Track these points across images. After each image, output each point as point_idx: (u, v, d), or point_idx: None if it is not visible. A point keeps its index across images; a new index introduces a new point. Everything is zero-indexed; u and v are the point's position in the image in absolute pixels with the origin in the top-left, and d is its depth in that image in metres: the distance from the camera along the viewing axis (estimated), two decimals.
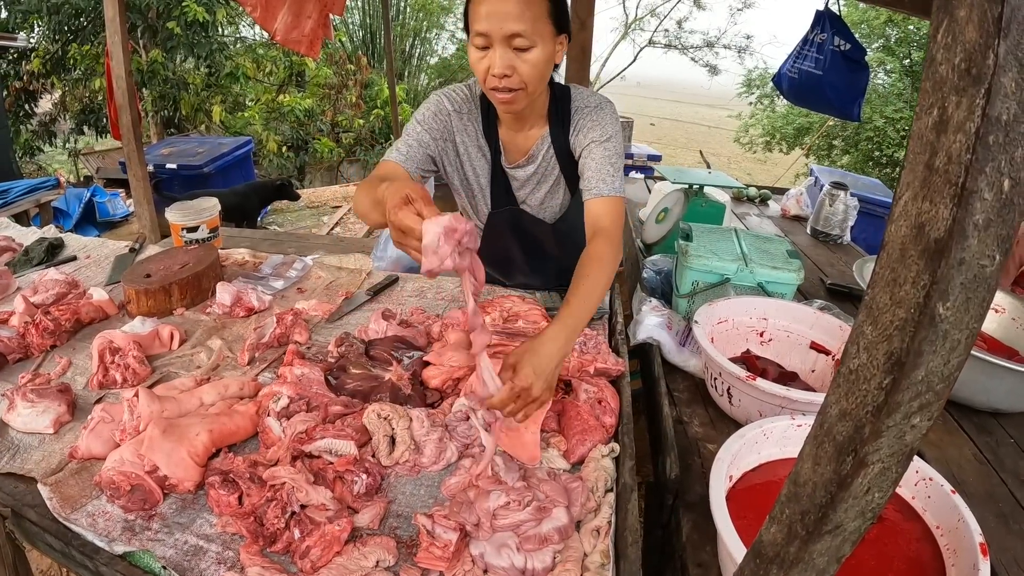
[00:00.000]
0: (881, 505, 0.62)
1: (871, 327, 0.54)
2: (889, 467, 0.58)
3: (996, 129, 0.45)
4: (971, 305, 0.50)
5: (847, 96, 5.15)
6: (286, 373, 1.71)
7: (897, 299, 0.51)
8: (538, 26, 1.66)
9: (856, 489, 0.59)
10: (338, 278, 2.52)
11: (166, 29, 10.19)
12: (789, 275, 2.24)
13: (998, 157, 0.45)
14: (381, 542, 1.24)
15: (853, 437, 0.57)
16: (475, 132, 2.01)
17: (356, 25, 16.02)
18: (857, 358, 0.56)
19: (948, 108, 0.47)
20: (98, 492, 1.36)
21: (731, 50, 20.48)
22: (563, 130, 1.95)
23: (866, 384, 0.55)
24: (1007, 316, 2.41)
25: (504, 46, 1.66)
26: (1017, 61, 0.44)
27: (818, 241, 4.05)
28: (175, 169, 7.17)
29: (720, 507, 1.21)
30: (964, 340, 0.51)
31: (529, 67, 1.70)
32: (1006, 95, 0.44)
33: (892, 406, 0.53)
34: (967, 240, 0.47)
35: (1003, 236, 0.48)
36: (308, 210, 9.03)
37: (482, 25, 1.64)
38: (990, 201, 0.46)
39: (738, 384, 1.72)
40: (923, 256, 0.49)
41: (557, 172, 2.04)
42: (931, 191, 0.48)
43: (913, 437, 0.57)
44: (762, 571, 0.73)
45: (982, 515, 1.54)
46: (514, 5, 1.61)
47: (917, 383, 0.52)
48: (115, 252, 2.69)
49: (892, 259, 0.52)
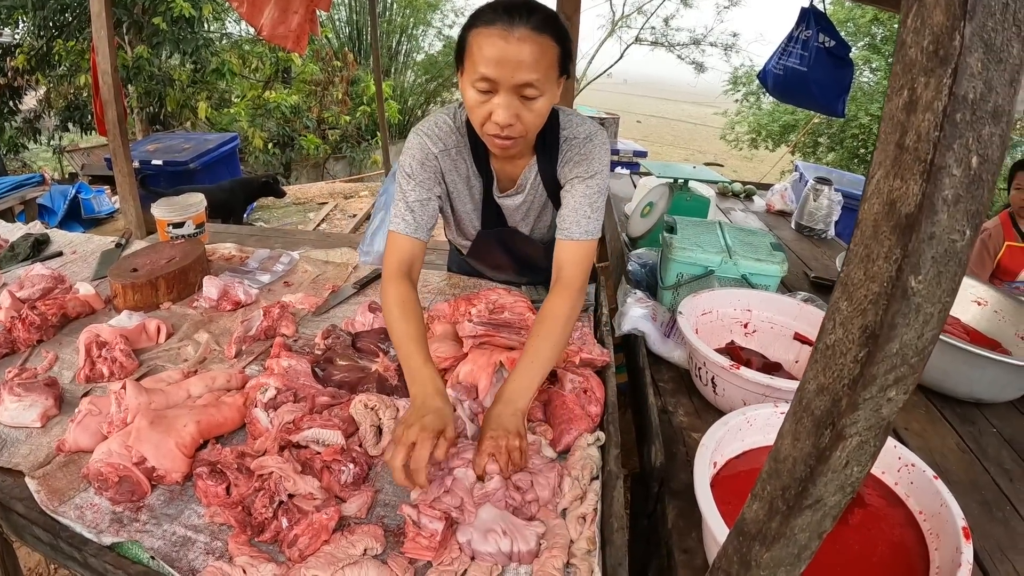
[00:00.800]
0: (860, 479, 0.64)
1: (846, 302, 0.56)
2: (867, 440, 0.60)
3: (963, 107, 0.46)
4: (943, 279, 0.51)
5: (831, 92, 5.19)
6: (273, 365, 1.72)
7: (871, 274, 0.53)
8: (549, 74, 1.54)
9: (835, 462, 0.61)
10: (324, 272, 2.53)
11: (152, 25, 10.12)
12: (773, 267, 2.26)
13: (966, 134, 0.47)
14: (369, 531, 1.25)
15: (831, 411, 0.59)
16: (466, 166, 1.89)
17: (343, 21, 15.99)
18: (833, 333, 0.58)
19: (917, 89, 0.48)
20: (86, 484, 1.36)
21: (717, 48, 20.53)
22: (550, 159, 1.85)
23: (842, 358, 0.57)
24: (989, 308, 2.44)
25: (511, 95, 1.53)
26: (983, 42, 0.46)
27: (802, 236, 4.08)
28: (161, 165, 7.13)
29: (704, 492, 1.23)
30: (937, 314, 0.53)
31: (533, 116, 1.59)
32: (972, 75, 0.46)
33: (868, 379, 0.55)
34: (937, 215, 0.48)
35: (973, 211, 0.50)
36: (294, 206, 9.02)
37: (490, 70, 1.49)
38: (959, 177, 0.48)
39: (722, 374, 1.74)
40: (895, 231, 0.51)
41: (545, 198, 1.97)
42: (902, 169, 0.49)
43: (889, 410, 0.58)
44: (745, 548, 0.75)
45: (966, 503, 1.57)
46: (529, 53, 1.48)
47: (892, 356, 0.54)
48: (101, 247, 2.68)
49: (865, 236, 0.53)
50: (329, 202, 9.10)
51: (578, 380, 1.68)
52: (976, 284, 2.50)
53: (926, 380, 2.11)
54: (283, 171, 12.72)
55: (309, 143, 12.28)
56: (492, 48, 1.48)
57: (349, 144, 13.38)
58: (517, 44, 1.46)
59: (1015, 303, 2.38)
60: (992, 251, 4.16)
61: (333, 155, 13.40)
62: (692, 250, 2.29)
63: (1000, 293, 2.45)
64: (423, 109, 16.71)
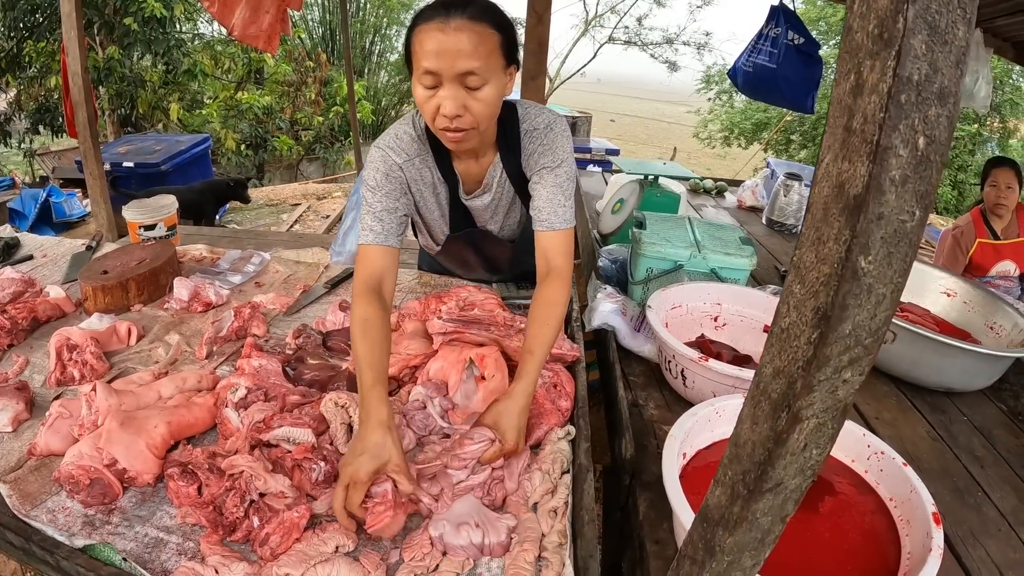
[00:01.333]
0: (820, 462, 0.64)
1: (799, 285, 0.56)
2: (824, 422, 0.60)
3: (908, 88, 0.47)
4: (893, 259, 0.52)
5: (800, 89, 5.24)
6: (244, 365, 1.72)
7: (821, 256, 0.54)
8: (491, 62, 1.55)
9: (793, 445, 0.62)
10: (296, 272, 2.52)
11: (123, 25, 10.02)
12: (742, 260, 2.28)
13: (911, 115, 0.48)
14: (340, 528, 1.25)
15: (786, 393, 0.60)
16: (430, 173, 1.89)
17: (316, 22, 15.91)
18: (788, 316, 0.58)
19: (863, 72, 0.49)
20: (57, 488, 1.35)
21: (690, 47, 20.66)
22: (513, 154, 1.85)
23: (796, 340, 0.57)
24: (959, 299, 2.49)
25: (455, 85, 1.55)
26: (927, 24, 0.46)
27: (773, 231, 4.12)
28: (132, 167, 7.07)
29: (673, 482, 1.23)
30: (889, 294, 0.54)
31: (482, 106, 1.59)
32: (916, 56, 0.46)
33: (821, 360, 0.55)
34: (884, 195, 0.49)
35: (921, 192, 0.50)
36: (267, 208, 8.96)
37: (431, 63, 1.51)
38: (906, 158, 0.48)
39: (692, 366, 1.75)
40: (844, 213, 0.51)
41: (512, 194, 1.97)
42: (850, 151, 0.50)
43: (845, 392, 0.59)
44: (709, 534, 0.75)
45: (937, 490, 1.60)
46: (467, 41, 1.50)
47: (845, 337, 0.55)
48: (72, 250, 2.65)
49: (816, 219, 0.54)
50: (302, 203, 9.05)
51: (548, 375, 1.69)
52: (945, 276, 2.55)
53: (896, 369, 2.14)
54: (256, 172, 12.64)
55: (282, 144, 12.22)
56: (431, 41, 1.50)
57: (322, 145, 13.32)
58: (454, 34, 1.49)
59: (984, 294, 2.42)
60: (964, 248, 4.22)
61: (306, 156, 13.33)
62: (661, 245, 2.31)
63: (969, 284, 2.49)
64: (396, 109, 16.65)
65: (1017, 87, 13.16)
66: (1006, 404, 2.13)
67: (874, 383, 2.17)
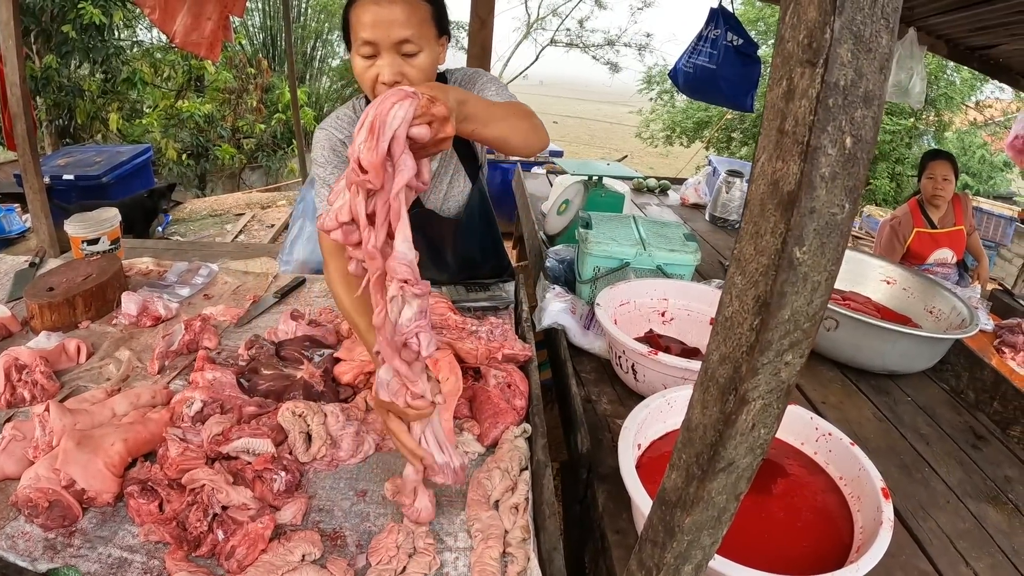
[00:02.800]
0: (768, 440, 0.69)
1: (740, 276, 0.61)
2: (770, 403, 0.65)
3: (835, 93, 0.51)
4: (826, 249, 0.56)
5: (740, 88, 5.35)
6: (198, 378, 1.70)
7: (759, 248, 0.58)
8: (423, 30, 1.66)
9: (741, 426, 0.66)
10: (245, 282, 2.50)
11: (61, 33, 9.72)
12: (686, 256, 2.33)
13: (839, 117, 0.52)
14: (305, 536, 1.26)
15: (733, 377, 0.64)
16: None
17: (256, 27, 15.68)
18: (731, 306, 0.63)
19: (795, 79, 0.53)
20: (15, 513, 1.32)
21: (631, 48, 20.83)
22: None
23: (739, 328, 0.62)
24: (898, 287, 2.58)
25: (392, 53, 1.64)
26: (852, 34, 0.51)
27: (716, 227, 4.21)
28: (72, 180, 6.88)
29: (630, 472, 1.27)
30: (824, 281, 0.58)
31: (417, 72, 1.68)
32: (843, 63, 0.51)
33: (763, 344, 0.60)
34: (815, 191, 0.53)
35: (850, 187, 0.55)
36: (211, 218, 8.81)
37: (368, 33, 1.61)
38: (834, 156, 0.53)
39: (642, 360, 1.80)
40: (779, 208, 0.55)
41: (456, 161, 2.05)
42: (783, 151, 0.54)
43: (788, 374, 0.63)
44: (668, 516, 0.79)
45: (886, 468, 1.67)
46: (400, 11, 1.60)
47: (784, 322, 0.59)
48: (14, 268, 2.59)
49: (754, 214, 0.58)
50: (246, 212, 8.92)
51: (501, 375, 1.72)
52: (884, 264, 2.64)
53: (840, 356, 2.21)
54: (198, 182, 12.39)
55: (224, 153, 12.00)
56: (367, 13, 1.60)
57: (265, 153, 13.12)
58: (388, 5, 1.59)
59: (923, 280, 2.52)
60: (902, 237, 4.36)
61: (249, 164, 13.11)
62: (607, 244, 2.35)
63: (908, 272, 2.59)
64: None
65: (951, 82, 13.55)
66: (948, 384, 2.23)
67: (819, 369, 2.24)
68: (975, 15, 3.88)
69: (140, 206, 6.74)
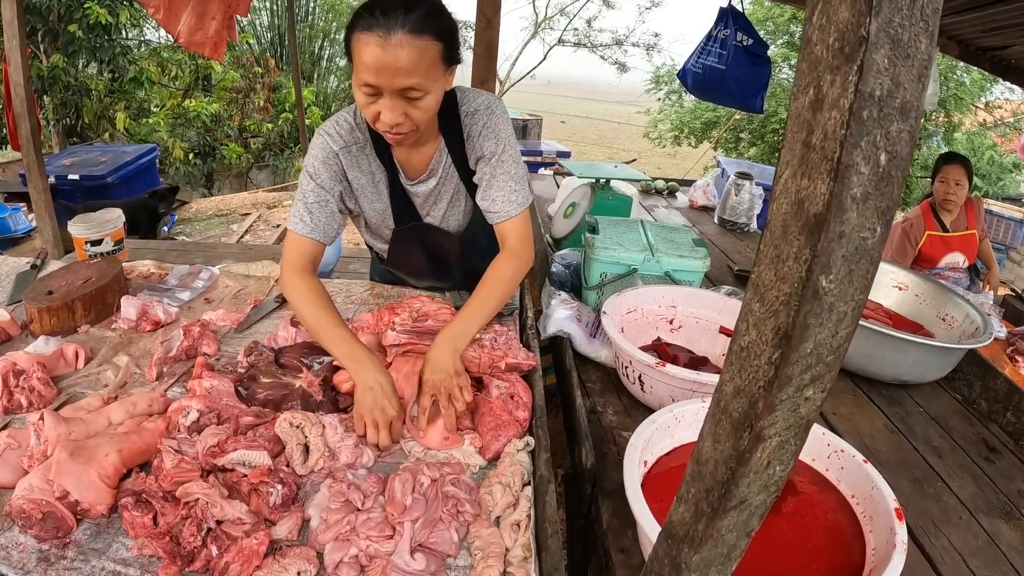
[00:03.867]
0: (783, 478, 0.64)
1: (758, 304, 0.55)
2: (787, 440, 0.60)
3: (870, 104, 0.46)
4: (855, 277, 0.51)
5: (749, 89, 5.30)
6: (195, 386, 1.66)
7: (781, 275, 0.53)
8: (431, 73, 1.55)
9: (756, 464, 0.61)
10: (246, 286, 2.46)
11: (67, 32, 9.74)
12: (695, 263, 2.29)
13: (873, 131, 0.47)
14: (301, 552, 1.22)
15: (748, 413, 0.59)
16: (367, 160, 1.90)
17: (264, 27, 15.69)
18: (747, 335, 0.57)
19: (823, 87, 0.48)
20: (9, 523, 1.29)
21: (639, 48, 20.82)
22: (457, 139, 1.88)
23: (756, 360, 0.57)
24: (910, 293, 2.53)
25: (395, 97, 1.56)
26: (889, 38, 0.45)
27: (725, 230, 4.16)
28: (77, 180, 6.89)
29: (635, 493, 1.23)
30: (850, 312, 0.53)
31: (421, 113, 1.61)
32: (879, 71, 0.46)
33: (783, 380, 0.55)
34: (846, 214, 0.48)
35: (883, 208, 0.49)
36: (217, 218, 8.81)
37: (371, 77, 1.52)
38: (867, 175, 0.47)
39: (648, 371, 1.75)
40: (803, 231, 0.50)
41: (456, 181, 1.98)
42: (809, 168, 0.49)
43: (808, 410, 0.58)
44: (675, 551, 0.74)
45: (897, 482, 1.62)
46: (407, 58, 1.48)
47: (806, 356, 0.54)
48: (16, 269, 2.57)
49: (775, 236, 0.53)
50: (252, 212, 8.92)
51: (504, 386, 1.67)
52: (896, 270, 2.59)
53: (851, 365, 2.17)
54: (205, 182, 12.42)
55: (231, 152, 12.02)
56: (370, 56, 1.49)
57: (272, 152, 13.14)
58: (394, 51, 1.48)
59: (935, 286, 2.47)
60: (913, 240, 4.31)
61: (256, 164, 13.13)
62: (614, 249, 2.31)
63: (920, 277, 2.54)
64: None
65: (961, 82, 13.47)
66: (960, 393, 2.18)
67: None
68: (988, 15, 3.82)
69: (144, 207, 6.74)
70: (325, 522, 1.29)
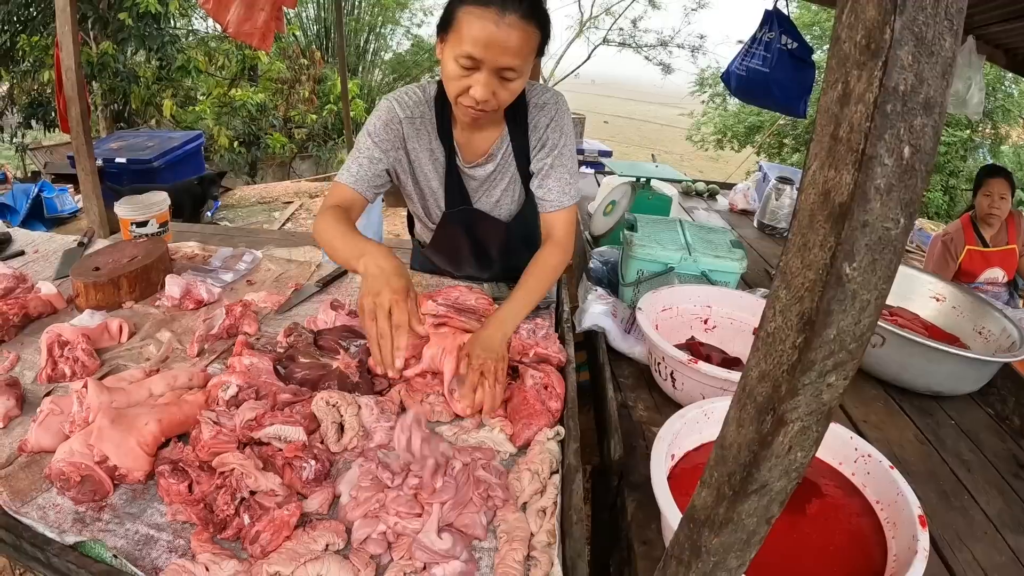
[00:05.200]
0: (804, 464, 0.65)
1: (785, 291, 0.57)
2: (808, 426, 0.61)
3: (894, 99, 0.48)
4: (878, 266, 0.53)
5: (793, 93, 5.26)
6: (235, 363, 1.71)
7: (807, 262, 0.54)
8: (529, 59, 1.65)
9: (778, 448, 0.62)
10: (287, 270, 2.51)
11: (117, 20, 9.94)
12: (732, 264, 2.29)
13: (897, 125, 0.49)
14: (330, 526, 1.25)
15: (772, 396, 0.60)
16: (428, 136, 1.96)
17: (310, 19, 15.85)
18: (773, 321, 0.59)
19: (850, 82, 0.50)
20: (48, 485, 1.34)
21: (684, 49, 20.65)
22: (520, 128, 1.94)
23: (781, 345, 0.58)
24: (947, 304, 2.50)
25: (492, 75, 1.63)
26: (913, 35, 0.47)
27: (764, 234, 4.14)
28: (124, 163, 7.03)
29: (661, 483, 1.24)
30: (873, 300, 0.55)
31: (509, 94, 1.70)
32: (903, 67, 0.47)
33: (806, 364, 0.56)
34: (869, 203, 0.50)
35: (906, 200, 0.51)
36: (259, 205, 8.93)
37: (477, 51, 1.57)
38: (891, 167, 0.49)
39: (681, 368, 1.76)
40: (829, 220, 0.52)
41: (513, 170, 2.02)
42: (836, 159, 0.51)
43: (830, 396, 0.60)
44: (695, 534, 0.76)
45: (924, 493, 1.61)
46: (517, 39, 1.57)
47: (829, 341, 0.55)
48: (63, 247, 2.64)
49: (802, 226, 0.55)
50: (295, 201, 9.02)
51: (539, 376, 1.69)
52: (934, 280, 2.56)
53: (885, 373, 2.15)
54: (249, 170, 12.59)
55: (275, 142, 12.18)
56: (482, 30, 1.55)
57: (315, 143, 13.29)
58: (507, 30, 1.55)
59: (973, 299, 2.44)
60: (954, 254, 4.25)
61: (299, 154, 13.30)
62: (652, 247, 2.31)
63: (958, 289, 2.51)
64: None
65: (1009, 94, 13.22)
66: (993, 408, 2.15)
67: (862, 386, 2.18)
68: None
69: (189, 191, 6.86)
70: (355, 499, 1.32)
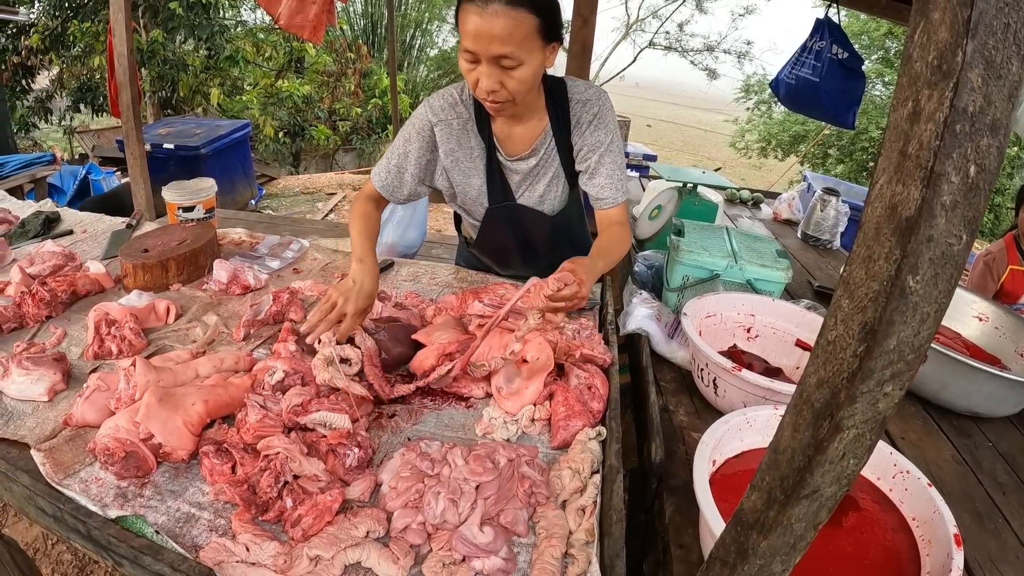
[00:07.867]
0: (855, 472, 0.67)
1: (847, 300, 0.59)
2: (863, 433, 0.63)
3: (963, 119, 0.49)
4: (940, 280, 0.54)
5: (842, 103, 5.20)
6: (281, 349, 1.73)
7: (871, 273, 0.56)
8: (526, 44, 1.66)
9: (832, 454, 0.64)
10: (334, 260, 2.55)
11: (168, 9, 10.13)
12: (777, 273, 2.28)
13: (964, 144, 0.50)
14: (372, 513, 1.27)
15: (829, 403, 0.62)
16: (467, 134, 2.00)
17: (358, 14, 15.98)
18: (835, 330, 0.61)
19: (921, 100, 0.51)
20: (91, 459, 1.37)
21: (731, 55, 20.55)
22: (563, 124, 1.96)
23: (842, 353, 0.60)
24: (990, 324, 2.46)
25: (491, 64, 1.67)
26: (983, 59, 0.49)
27: (808, 245, 4.10)
28: (172, 149, 7.11)
29: (703, 487, 1.25)
30: (933, 313, 0.56)
31: (516, 83, 1.72)
32: (973, 89, 0.49)
33: (865, 372, 0.58)
34: (935, 219, 0.52)
35: (970, 217, 0.53)
36: (303, 195, 9.03)
37: (469, 44, 1.65)
38: (957, 184, 0.51)
39: (724, 375, 1.76)
40: (895, 233, 0.54)
41: (557, 165, 2.03)
42: (904, 175, 0.53)
43: (886, 405, 0.61)
44: (743, 537, 0.77)
45: (959, 514, 1.59)
46: (501, 27, 1.60)
47: (889, 352, 0.57)
48: (112, 228, 2.70)
49: (868, 238, 0.56)
50: (338, 192, 9.11)
51: (584, 376, 1.71)
52: (978, 300, 2.53)
53: (924, 391, 2.13)
54: (292, 160, 12.73)
55: (319, 133, 12.30)
56: (470, 23, 1.63)
57: (359, 136, 13.40)
58: (490, 19, 1.60)
59: (1016, 320, 2.40)
60: (996, 274, 4.16)
61: (343, 146, 13.42)
62: (698, 253, 2.32)
63: (1001, 309, 2.47)
64: None
65: None
66: None
67: (902, 403, 2.13)
68: None
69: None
70: (395, 489, 1.33)
